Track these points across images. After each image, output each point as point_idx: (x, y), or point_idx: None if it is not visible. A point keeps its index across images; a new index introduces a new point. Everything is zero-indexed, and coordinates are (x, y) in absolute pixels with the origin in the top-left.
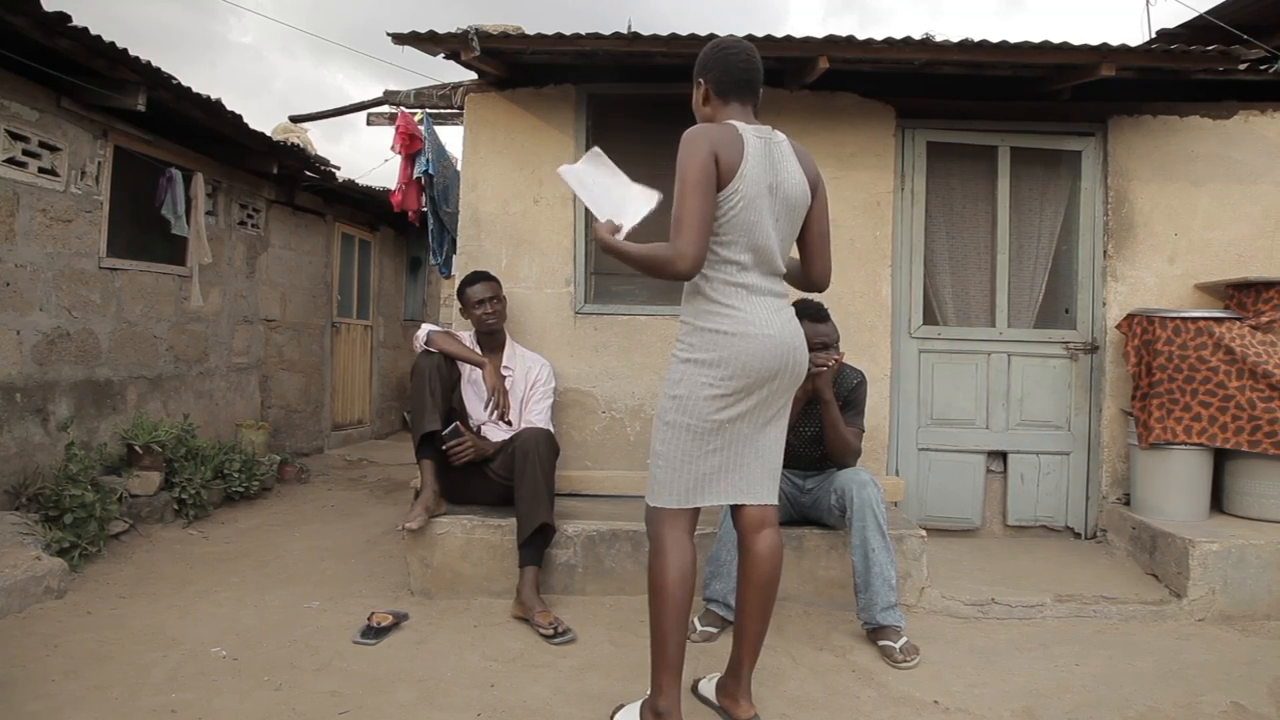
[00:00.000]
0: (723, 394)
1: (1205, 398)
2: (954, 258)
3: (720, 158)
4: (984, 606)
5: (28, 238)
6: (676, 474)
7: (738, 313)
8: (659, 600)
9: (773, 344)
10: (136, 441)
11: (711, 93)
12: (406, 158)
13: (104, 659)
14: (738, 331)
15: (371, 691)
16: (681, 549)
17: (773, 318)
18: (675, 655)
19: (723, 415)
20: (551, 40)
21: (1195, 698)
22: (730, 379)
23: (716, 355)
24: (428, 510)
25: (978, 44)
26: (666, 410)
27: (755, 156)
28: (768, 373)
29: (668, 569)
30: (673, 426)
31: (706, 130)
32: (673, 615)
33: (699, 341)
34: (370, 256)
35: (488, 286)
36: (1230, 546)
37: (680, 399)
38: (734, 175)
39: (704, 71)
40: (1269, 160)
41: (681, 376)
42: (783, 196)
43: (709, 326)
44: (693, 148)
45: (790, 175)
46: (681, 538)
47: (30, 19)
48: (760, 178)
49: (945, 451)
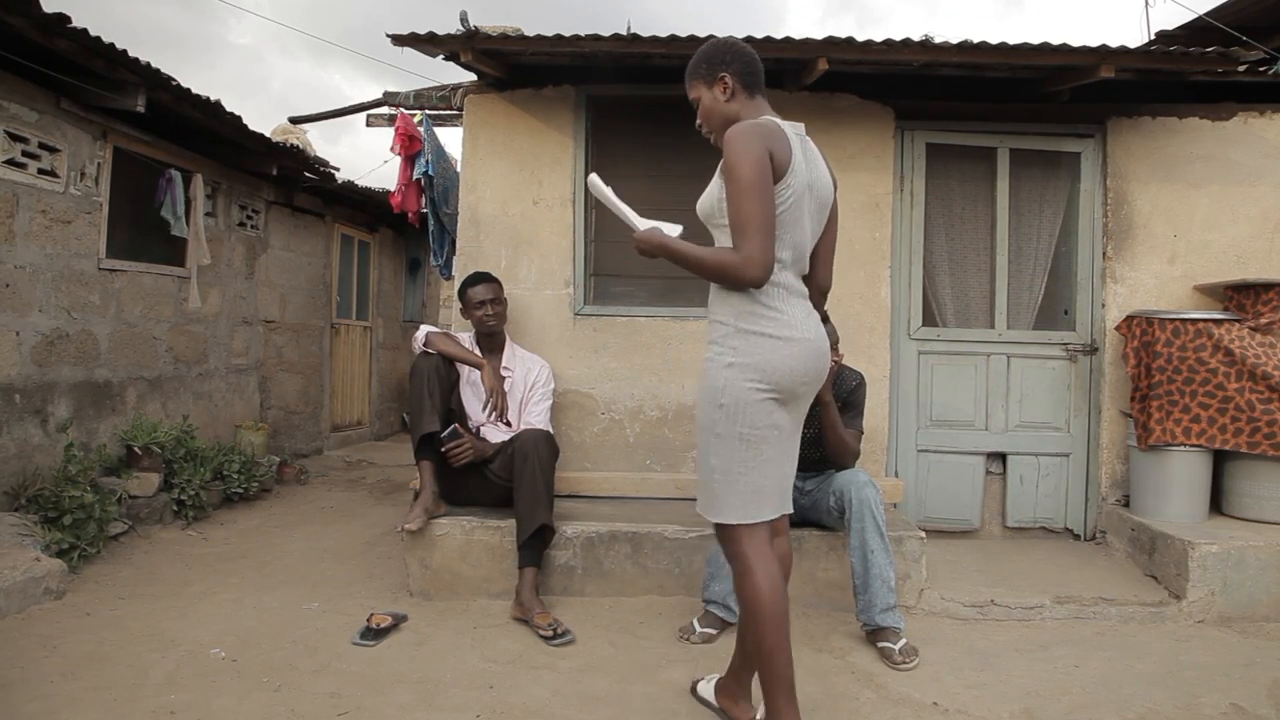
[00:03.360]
0: (771, 399)
1: (1204, 399)
2: (953, 259)
3: (774, 154)
4: (983, 608)
5: (27, 239)
6: (736, 486)
7: (781, 315)
8: (759, 619)
9: (810, 348)
10: (136, 443)
11: (738, 86)
12: (406, 159)
13: (103, 660)
14: (783, 335)
15: (370, 693)
16: (768, 562)
17: (807, 320)
18: (786, 671)
19: (771, 421)
20: (550, 41)
21: (1194, 699)
22: (777, 385)
23: (762, 359)
24: (427, 511)
25: (977, 45)
26: (715, 422)
27: (798, 151)
28: (808, 377)
29: (760, 587)
30: (724, 438)
31: (756, 126)
32: (776, 631)
33: (743, 345)
34: (369, 257)
35: (489, 288)
36: (1229, 548)
37: (727, 408)
38: (787, 170)
39: (723, 66)
40: (1268, 162)
41: (726, 383)
42: (816, 195)
43: (753, 329)
44: (746, 145)
45: (822, 174)
46: (765, 551)
47: (30, 20)
48: (804, 173)
49: (944, 453)
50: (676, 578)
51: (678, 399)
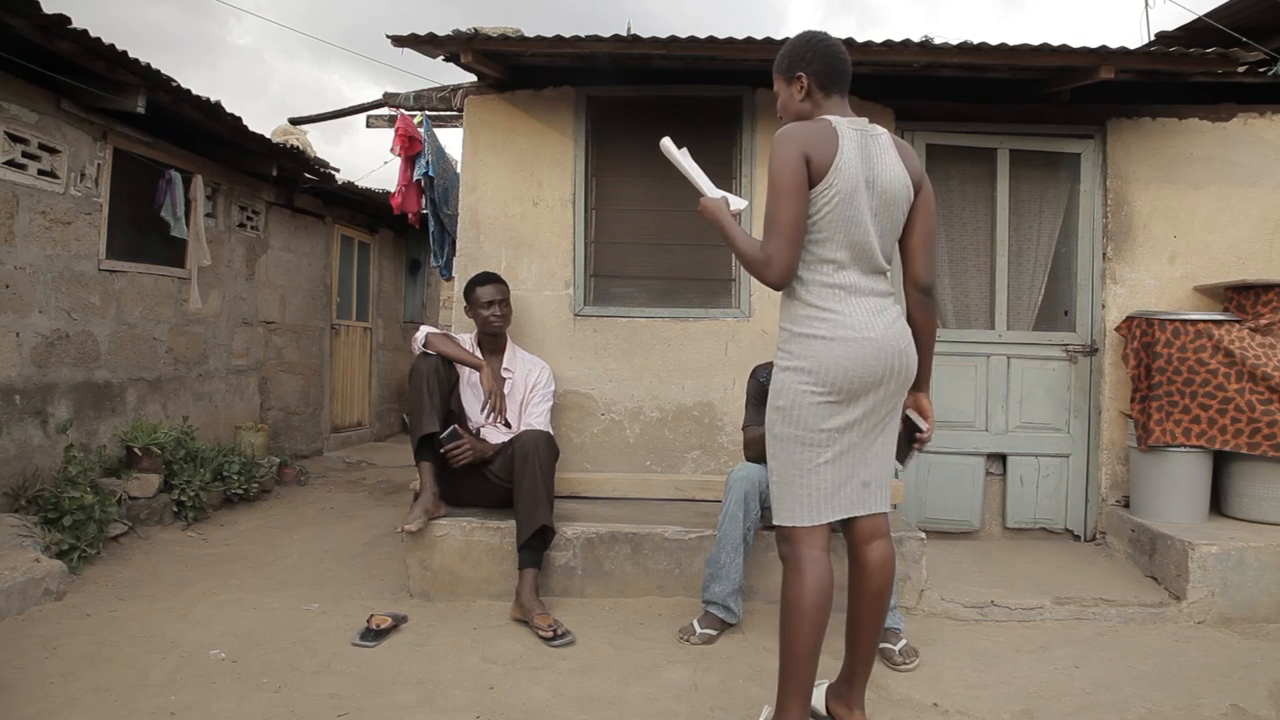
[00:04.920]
0: (828, 401)
1: (1204, 400)
2: (953, 260)
3: (812, 157)
4: (983, 609)
5: (27, 240)
6: (793, 489)
7: (835, 316)
8: (795, 620)
9: (874, 347)
10: (135, 443)
11: (815, 86)
12: (406, 160)
13: (102, 661)
14: (836, 336)
15: (371, 694)
16: (820, 568)
17: (873, 320)
18: (807, 679)
19: (831, 424)
20: (550, 43)
21: (1195, 700)
22: (832, 386)
23: (815, 362)
24: (427, 512)
25: (977, 46)
26: (774, 423)
27: (850, 150)
28: (872, 377)
29: (806, 590)
30: (781, 440)
31: (796, 130)
32: (808, 637)
33: (798, 349)
34: (369, 258)
35: (498, 289)
36: (1230, 549)
37: (784, 410)
38: (827, 170)
39: (803, 65)
40: (1268, 163)
41: (783, 386)
42: (880, 191)
43: (806, 332)
44: (782, 151)
45: (889, 169)
46: (819, 556)
47: (30, 21)
48: (855, 172)
49: (944, 454)
50: (676, 578)
51: (677, 400)
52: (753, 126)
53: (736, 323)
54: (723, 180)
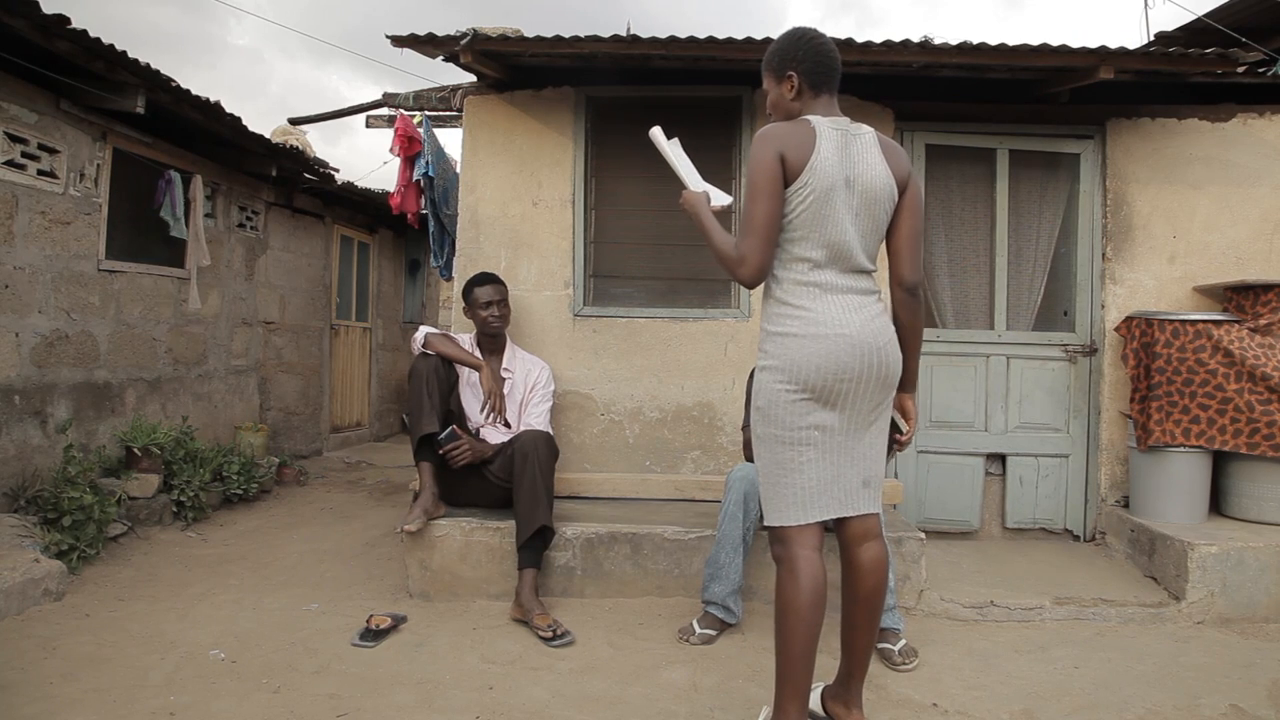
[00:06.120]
0: (803, 399)
1: (1204, 400)
2: (952, 260)
3: (786, 156)
4: (983, 609)
5: (26, 240)
6: (778, 488)
7: (808, 313)
8: (790, 621)
9: (849, 344)
10: (135, 444)
11: (805, 85)
12: (405, 160)
13: (102, 661)
14: (808, 333)
15: (370, 694)
16: (813, 568)
17: (849, 316)
18: (804, 680)
19: (809, 421)
20: (550, 43)
21: (1194, 700)
22: (805, 383)
23: (788, 360)
24: (426, 513)
25: (976, 47)
26: (756, 424)
27: (828, 149)
28: (847, 374)
29: (799, 590)
30: (763, 440)
31: (773, 130)
32: (804, 638)
33: (772, 348)
34: (369, 259)
35: (496, 289)
36: (1229, 549)
37: (763, 410)
38: (802, 169)
39: (793, 64)
40: (1267, 163)
41: (760, 386)
42: (861, 190)
43: (780, 330)
44: (758, 151)
45: (870, 168)
46: (811, 556)
47: (30, 21)
48: (833, 171)
49: (944, 454)
50: (676, 579)
51: (677, 400)
52: (752, 127)
53: (736, 323)
54: (722, 180)
